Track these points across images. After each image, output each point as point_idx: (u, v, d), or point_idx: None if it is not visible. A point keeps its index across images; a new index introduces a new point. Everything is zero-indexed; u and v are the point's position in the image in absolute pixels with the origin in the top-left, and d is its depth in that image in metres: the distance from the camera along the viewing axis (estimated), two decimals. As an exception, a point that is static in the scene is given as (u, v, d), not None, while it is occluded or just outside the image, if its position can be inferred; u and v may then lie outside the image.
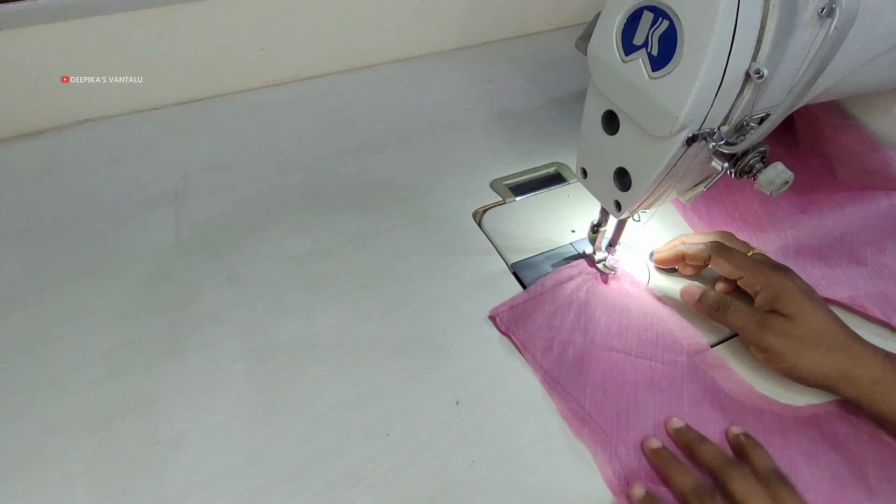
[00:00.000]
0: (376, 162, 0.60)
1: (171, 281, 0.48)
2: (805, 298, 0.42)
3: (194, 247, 0.51)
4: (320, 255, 0.51)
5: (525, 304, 0.47)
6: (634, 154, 0.39)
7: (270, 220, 0.53)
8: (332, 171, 0.59)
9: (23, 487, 0.36)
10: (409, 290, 0.49)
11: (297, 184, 0.57)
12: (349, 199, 0.56)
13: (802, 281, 0.43)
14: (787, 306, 0.42)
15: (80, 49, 0.57)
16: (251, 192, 0.56)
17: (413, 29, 0.73)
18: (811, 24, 0.32)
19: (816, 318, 0.41)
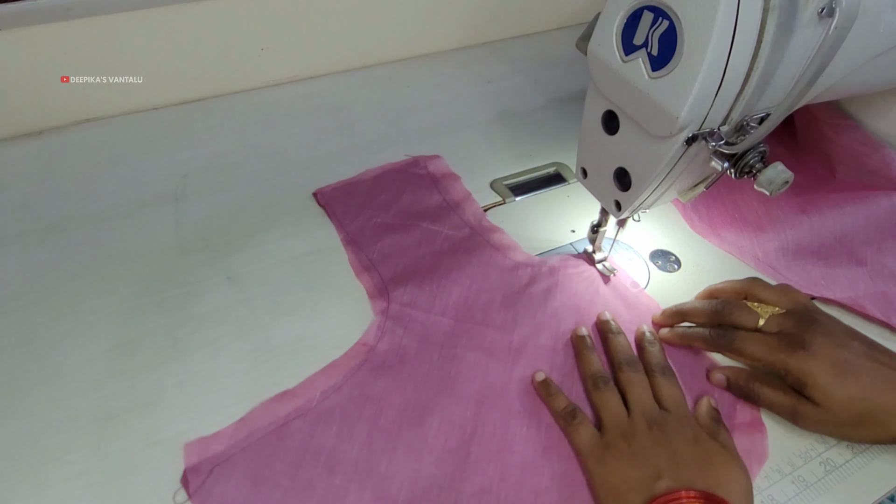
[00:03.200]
0: (376, 162, 0.60)
1: (171, 281, 0.48)
2: (831, 378, 0.38)
3: (194, 247, 0.51)
4: (320, 255, 0.51)
5: (347, 187, 0.55)
6: (634, 154, 0.39)
7: (270, 220, 0.53)
8: (332, 171, 0.59)
9: (23, 487, 0.36)
10: (409, 290, 0.49)
11: (297, 184, 0.57)
12: (349, 199, 0.56)
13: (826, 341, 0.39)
14: (815, 394, 0.38)
15: (80, 49, 0.57)
16: (251, 192, 0.56)
17: (413, 29, 0.73)
18: (811, 24, 0.32)
19: (851, 403, 0.38)
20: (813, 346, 0.39)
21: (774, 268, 0.51)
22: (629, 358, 0.42)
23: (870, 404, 0.38)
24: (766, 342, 0.41)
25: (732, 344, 0.42)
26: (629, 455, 0.37)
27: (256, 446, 0.37)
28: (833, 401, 0.38)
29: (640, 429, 0.38)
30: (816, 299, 0.49)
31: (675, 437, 0.37)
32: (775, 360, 0.40)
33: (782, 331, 0.41)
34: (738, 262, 0.52)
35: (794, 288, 0.44)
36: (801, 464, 0.40)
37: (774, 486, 0.39)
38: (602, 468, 0.37)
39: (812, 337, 0.40)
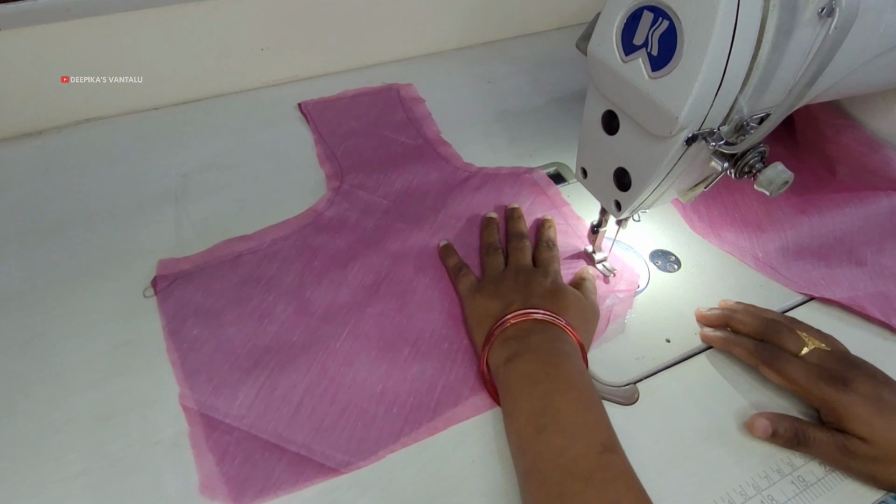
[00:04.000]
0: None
1: (171, 281, 0.48)
2: (873, 412, 0.38)
3: (194, 247, 0.51)
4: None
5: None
6: (634, 154, 0.39)
7: (270, 219, 0.53)
8: (332, 171, 0.59)
9: (23, 487, 0.36)
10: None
11: (297, 184, 0.57)
12: (349, 199, 0.56)
13: (867, 381, 0.39)
14: (858, 427, 0.38)
15: (80, 49, 0.57)
16: (251, 192, 0.56)
17: (413, 29, 0.73)
18: (811, 24, 0.32)
19: (894, 435, 0.37)
20: (854, 383, 0.39)
21: (774, 268, 0.51)
22: (520, 232, 0.51)
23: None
24: (807, 369, 0.40)
25: (775, 361, 0.42)
26: (494, 292, 0.44)
27: (213, 268, 0.48)
28: (877, 433, 0.37)
29: (509, 276, 0.45)
30: (816, 299, 0.49)
31: (534, 281, 0.44)
32: (814, 389, 0.40)
33: (823, 364, 0.41)
34: (738, 263, 0.52)
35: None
36: (801, 464, 0.40)
37: (774, 487, 0.39)
38: (471, 303, 0.45)
39: (853, 374, 0.39)
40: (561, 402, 0.36)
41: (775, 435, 0.40)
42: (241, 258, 0.49)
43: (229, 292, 0.46)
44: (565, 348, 0.39)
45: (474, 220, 0.54)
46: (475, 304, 0.45)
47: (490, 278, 0.46)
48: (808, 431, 0.39)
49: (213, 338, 0.44)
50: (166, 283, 0.47)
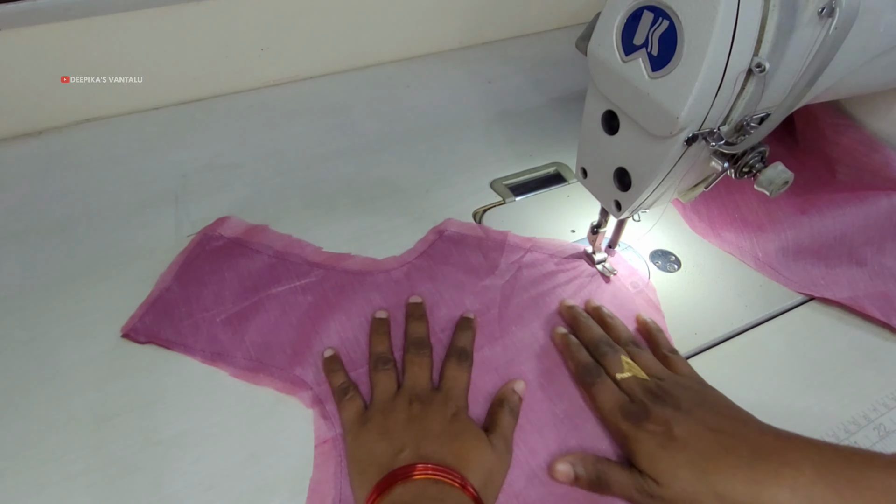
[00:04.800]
0: (376, 162, 0.60)
1: (171, 281, 0.48)
2: (657, 447, 0.35)
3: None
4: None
5: (156, 305, 0.45)
6: (634, 154, 0.39)
7: (270, 220, 0.53)
8: (332, 171, 0.59)
9: (23, 487, 0.36)
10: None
11: (297, 184, 0.57)
12: (349, 199, 0.56)
13: (667, 414, 0.36)
14: (644, 465, 0.35)
15: (80, 49, 0.57)
16: (251, 192, 0.56)
17: (413, 29, 0.73)
18: (811, 24, 0.32)
19: (678, 471, 0.34)
20: (650, 417, 0.37)
21: (774, 268, 0.51)
22: (418, 339, 0.43)
23: (699, 475, 0.34)
24: (615, 399, 0.39)
25: (591, 386, 0.40)
26: (382, 430, 0.37)
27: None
28: (660, 471, 0.35)
29: (401, 405, 0.38)
30: (816, 299, 0.49)
31: (432, 415, 0.37)
32: (612, 420, 0.38)
33: (632, 396, 0.39)
34: (738, 263, 0.52)
35: (679, 360, 0.43)
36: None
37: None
38: (354, 442, 0.37)
39: (652, 410, 0.37)
40: None
41: (577, 479, 0.37)
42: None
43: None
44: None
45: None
46: (358, 444, 0.37)
47: (378, 407, 0.38)
48: (610, 473, 0.36)
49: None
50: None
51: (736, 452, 0.34)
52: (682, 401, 0.38)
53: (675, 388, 0.39)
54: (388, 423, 0.37)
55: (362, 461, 0.36)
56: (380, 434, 0.37)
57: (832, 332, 0.47)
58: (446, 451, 0.35)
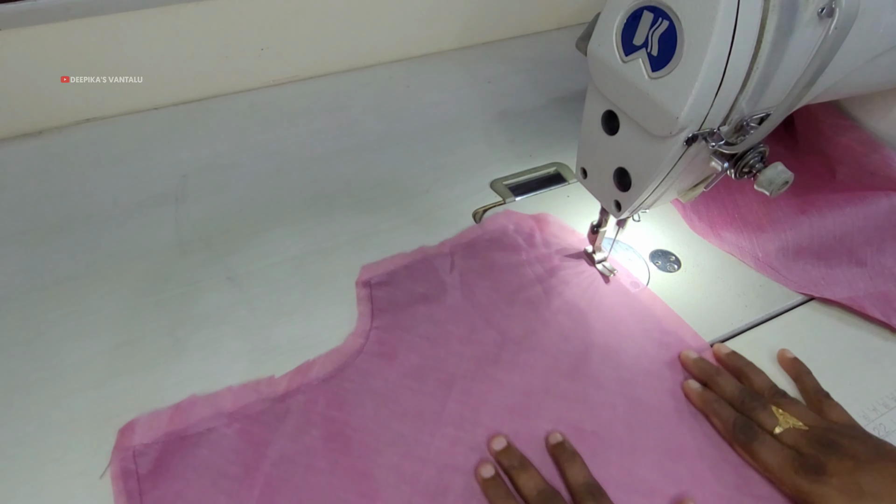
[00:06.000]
0: (376, 162, 0.60)
1: (171, 281, 0.48)
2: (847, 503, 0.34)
3: (194, 247, 0.51)
4: (320, 255, 0.51)
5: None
6: (634, 154, 0.39)
7: (270, 220, 0.53)
8: (332, 171, 0.59)
9: (23, 487, 0.36)
10: (409, 290, 0.49)
11: (297, 184, 0.57)
12: (349, 199, 0.56)
13: (845, 466, 0.35)
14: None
15: (80, 49, 0.57)
16: (251, 192, 0.56)
17: (413, 29, 0.73)
18: (811, 24, 0.32)
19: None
20: (828, 472, 0.35)
21: (774, 268, 0.51)
22: (545, 493, 0.36)
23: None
24: (782, 455, 0.37)
25: (751, 443, 0.38)
26: None
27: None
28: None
29: None
30: (816, 299, 0.49)
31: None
32: (787, 479, 0.37)
33: (799, 448, 0.37)
34: (738, 263, 0.52)
35: (824, 396, 0.41)
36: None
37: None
38: None
39: (829, 461, 0.36)
40: None
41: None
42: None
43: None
44: None
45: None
46: None
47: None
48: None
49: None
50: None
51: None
52: (856, 451, 0.36)
53: (842, 437, 0.37)
54: None
55: None
56: None
57: (832, 332, 0.47)
58: None
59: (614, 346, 0.45)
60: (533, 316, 0.46)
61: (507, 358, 0.43)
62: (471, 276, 0.48)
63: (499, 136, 0.64)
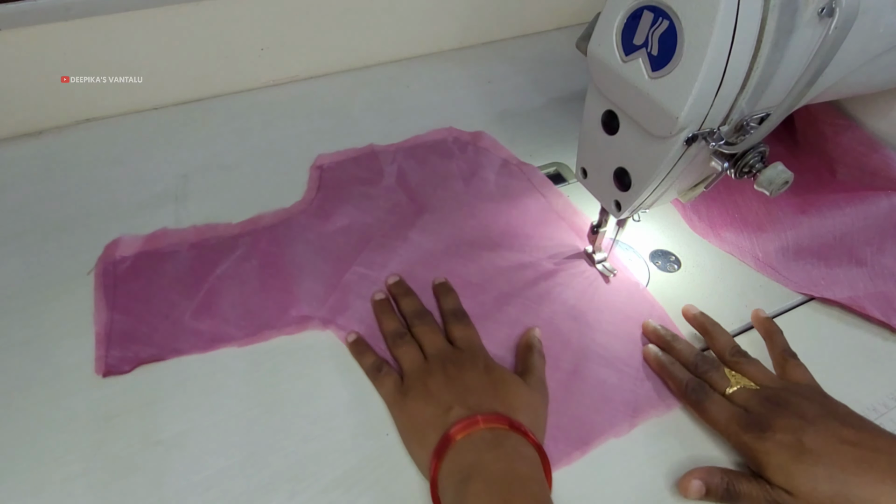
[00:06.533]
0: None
1: (171, 281, 0.48)
2: (791, 459, 0.35)
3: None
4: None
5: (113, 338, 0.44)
6: (634, 154, 0.39)
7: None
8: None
9: (23, 487, 0.36)
10: (409, 290, 0.49)
11: (297, 184, 0.57)
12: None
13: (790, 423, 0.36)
14: (776, 478, 0.35)
15: (80, 49, 0.57)
16: (251, 192, 0.56)
17: (413, 29, 0.73)
18: (811, 24, 0.32)
19: (817, 483, 0.34)
20: (772, 428, 0.37)
21: (774, 268, 0.51)
22: (418, 311, 0.45)
23: (839, 488, 0.34)
24: (730, 412, 0.39)
25: (701, 403, 0.40)
26: (425, 394, 0.39)
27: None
28: (797, 484, 0.35)
29: (435, 368, 0.40)
30: (816, 299, 0.49)
31: (467, 371, 0.40)
32: (732, 434, 0.38)
33: (748, 407, 0.39)
34: (738, 263, 0.52)
35: (789, 357, 0.43)
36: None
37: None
38: (402, 412, 0.39)
39: (775, 418, 0.37)
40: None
41: (708, 493, 0.37)
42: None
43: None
44: (523, 470, 0.34)
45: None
46: (407, 413, 0.39)
47: (414, 376, 0.40)
48: (739, 485, 0.36)
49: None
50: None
51: (876, 466, 0.34)
52: (804, 410, 0.37)
53: (793, 396, 0.38)
54: (430, 387, 0.39)
55: (416, 427, 0.38)
56: (425, 399, 0.38)
57: (832, 332, 0.47)
58: (492, 401, 0.37)
59: (516, 227, 0.53)
60: (452, 200, 0.55)
61: (421, 225, 0.53)
62: (406, 168, 0.58)
63: (499, 136, 0.64)
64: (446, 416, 0.37)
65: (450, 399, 0.38)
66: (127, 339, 0.43)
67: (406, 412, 0.39)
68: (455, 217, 0.54)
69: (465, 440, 0.35)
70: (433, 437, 0.36)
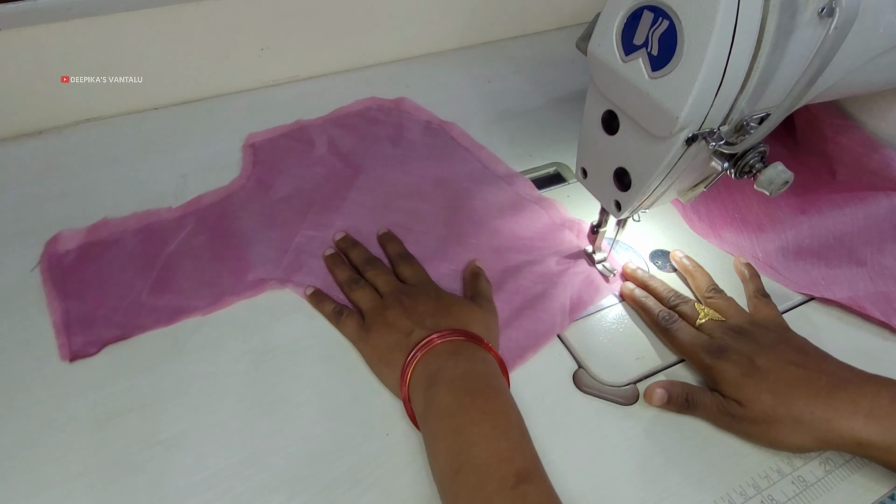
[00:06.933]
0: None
1: (171, 281, 0.48)
2: (742, 375, 0.39)
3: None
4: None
5: (72, 324, 0.44)
6: (634, 154, 0.39)
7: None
8: (332, 171, 0.59)
9: (23, 488, 0.36)
10: (409, 290, 0.49)
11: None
12: (349, 199, 0.56)
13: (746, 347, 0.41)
14: (729, 390, 0.40)
15: (80, 49, 0.57)
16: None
17: (413, 29, 0.73)
18: (811, 24, 0.32)
19: (761, 394, 0.38)
20: (730, 351, 0.41)
21: (774, 268, 0.51)
22: (367, 258, 0.49)
23: (782, 399, 0.38)
24: (696, 337, 0.43)
25: (670, 328, 0.44)
26: (386, 325, 0.42)
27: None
28: (744, 394, 0.39)
29: (392, 303, 0.44)
30: (816, 299, 0.49)
31: (420, 301, 0.43)
32: (694, 356, 0.42)
33: (712, 335, 0.43)
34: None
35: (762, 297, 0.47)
36: (801, 464, 0.40)
37: (774, 487, 0.39)
38: (367, 345, 0.43)
39: (733, 342, 0.42)
40: (476, 434, 0.34)
41: (669, 401, 0.41)
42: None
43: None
44: (480, 369, 0.38)
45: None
46: (371, 344, 0.43)
47: (373, 312, 0.44)
48: (697, 396, 0.41)
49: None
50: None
51: (816, 383, 0.38)
52: (762, 338, 0.42)
53: (755, 328, 0.43)
54: (389, 318, 0.42)
55: (382, 355, 0.42)
56: (387, 328, 0.42)
57: (832, 332, 0.47)
58: (448, 321, 0.42)
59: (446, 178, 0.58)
60: (383, 160, 0.59)
61: (358, 186, 0.56)
62: (336, 136, 0.61)
63: (499, 136, 0.64)
64: (408, 339, 0.40)
65: (409, 325, 0.41)
66: (87, 323, 0.44)
67: (371, 344, 0.43)
68: (389, 175, 0.57)
69: (428, 354, 0.39)
70: (399, 359, 0.40)
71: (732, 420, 0.40)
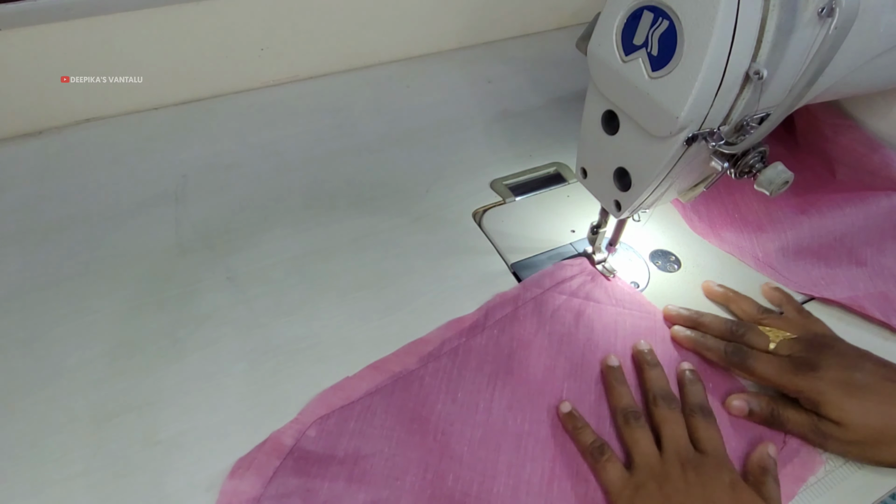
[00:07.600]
0: (376, 162, 0.60)
1: (171, 281, 0.48)
2: (844, 395, 0.38)
3: (194, 247, 0.51)
4: (320, 256, 0.51)
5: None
6: (634, 154, 0.39)
7: (270, 220, 0.53)
8: (332, 171, 0.59)
9: (23, 487, 0.36)
10: (409, 290, 0.49)
11: (296, 184, 0.57)
12: (349, 199, 0.56)
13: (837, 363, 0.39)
14: (831, 412, 0.38)
15: (80, 49, 0.57)
16: (251, 192, 0.56)
17: (413, 29, 0.73)
18: (811, 24, 0.32)
19: (868, 418, 0.37)
20: (822, 368, 0.39)
21: (774, 268, 0.51)
22: (665, 392, 0.40)
23: (888, 420, 0.37)
24: (777, 363, 0.41)
25: (745, 362, 0.41)
26: (661, 498, 0.35)
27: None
28: (849, 417, 0.38)
29: (674, 471, 0.36)
30: (816, 299, 0.49)
31: (710, 482, 0.35)
32: (786, 382, 0.40)
33: (793, 354, 0.41)
34: (738, 263, 0.52)
35: (807, 314, 0.46)
36: None
37: (774, 486, 0.39)
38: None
39: (822, 359, 0.40)
40: None
41: (751, 414, 0.40)
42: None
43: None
44: None
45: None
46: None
47: (647, 472, 0.36)
48: (783, 412, 0.40)
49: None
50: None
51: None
52: (845, 350, 0.41)
53: (831, 340, 0.42)
54: (665, 490, 0.35)
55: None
56: (661, 500, 0.35)
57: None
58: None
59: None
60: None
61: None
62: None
63: (499, 136, 0.64)
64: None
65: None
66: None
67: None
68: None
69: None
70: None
71: (827, 440, 0.38)
